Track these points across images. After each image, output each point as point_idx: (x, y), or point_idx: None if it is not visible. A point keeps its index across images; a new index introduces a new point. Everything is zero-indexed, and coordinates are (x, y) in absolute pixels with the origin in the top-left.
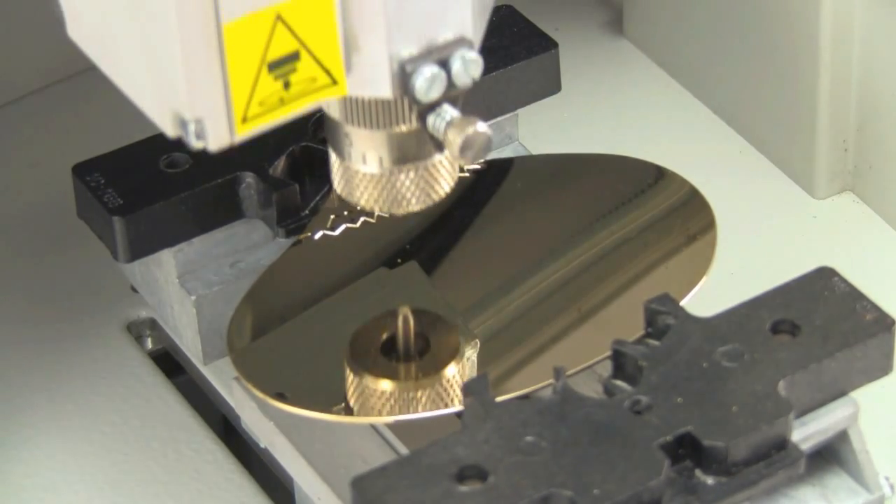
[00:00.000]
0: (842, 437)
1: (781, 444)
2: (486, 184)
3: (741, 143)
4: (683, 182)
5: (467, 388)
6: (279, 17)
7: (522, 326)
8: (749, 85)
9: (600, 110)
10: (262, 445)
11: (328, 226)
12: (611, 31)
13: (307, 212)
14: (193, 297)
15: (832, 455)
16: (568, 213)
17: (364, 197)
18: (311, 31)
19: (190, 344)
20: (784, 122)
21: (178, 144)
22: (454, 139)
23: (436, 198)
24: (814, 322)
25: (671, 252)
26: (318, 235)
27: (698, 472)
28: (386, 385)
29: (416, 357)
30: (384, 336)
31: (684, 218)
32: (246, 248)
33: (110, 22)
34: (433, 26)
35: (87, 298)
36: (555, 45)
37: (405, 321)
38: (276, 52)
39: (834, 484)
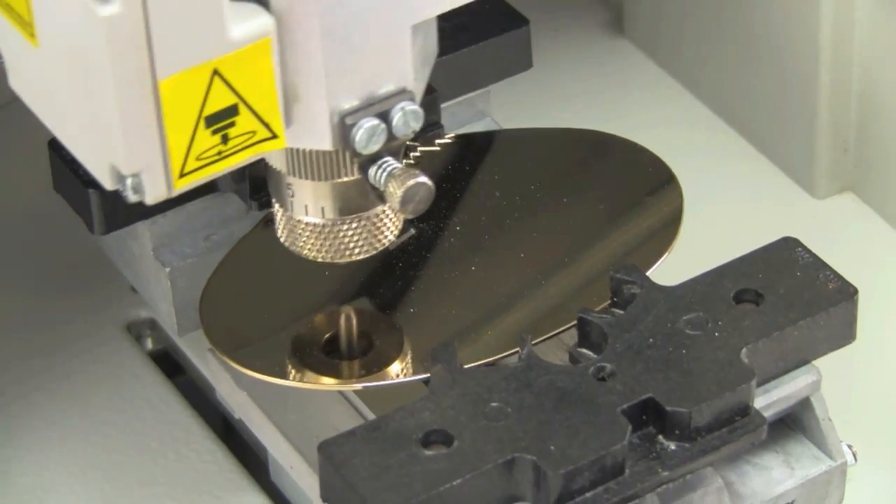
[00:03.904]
0: (805, 405)
1: (744, 411)
2: (454, 157)
3: (741, 143)
4: (646, 152)
5: (435, 356)
6: (216, 72)
7: (490, 296)
8: (749, 85)
9: (600, 110)
10: (236, 416)
11: None
12: (611, 31)
13: None
14: (168, 269)
15: (795, 423)
16: (535, 187)
17: (307, 247)
18: (250, 85)
19: (165, 316)
20: (784, 122)
21: None
22: (395, 191)
23: (379, 247)
24: (777, 291)
25: (640, 223)
26: None
27: (661, 438)
28: (328, 382)
29: (358, 355)
30: (327, 335)
31: (651, 189)
32: (220, 221)
33: (49, 76)
34: (374, 78)
35: (87, 298)
36: (526, 21)
37: (347, 319)
38: (213, 107)
39: (797, 451)
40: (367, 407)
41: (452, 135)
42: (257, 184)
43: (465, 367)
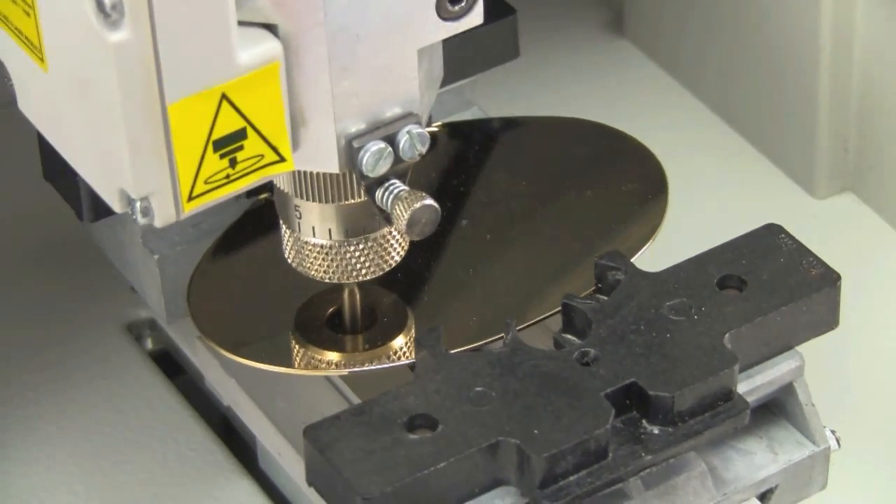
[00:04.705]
0: (788, 390)
1: (727, 396)
2: (442, 145)
3: (741, 143)
4: (635, 142)
5: (420, 341)
6: (224, 97)
7: (473, 283)
8: (749, 85)
9: (600, 110)
10: (225, 404)
11: None
12: (611, 31)
13: None
14: (156, 257)
15: (779, 408)
16: (519, 175)
17: (314, 267)
18: (257, 109)
19: (154, 303)
20: (784, 122)
21: None
22: (402, 214)
23: (387, 268)
24: (760, 277)
25: (625, 212)
26: None
27: (644, 423)
28: (332, 356)
29: (362, 330)
30: (330, 310)
31: (638, 178)
32: (208, 209)
33: (58, 99)
34: (380, 102)
35: (87, 298)
36: (513, 10)
37: (351, 294)
38: (221, 131)
39: (781, 436)
40: (353, 393)
41: (439, 123)
42: None
43: (450, 352)
